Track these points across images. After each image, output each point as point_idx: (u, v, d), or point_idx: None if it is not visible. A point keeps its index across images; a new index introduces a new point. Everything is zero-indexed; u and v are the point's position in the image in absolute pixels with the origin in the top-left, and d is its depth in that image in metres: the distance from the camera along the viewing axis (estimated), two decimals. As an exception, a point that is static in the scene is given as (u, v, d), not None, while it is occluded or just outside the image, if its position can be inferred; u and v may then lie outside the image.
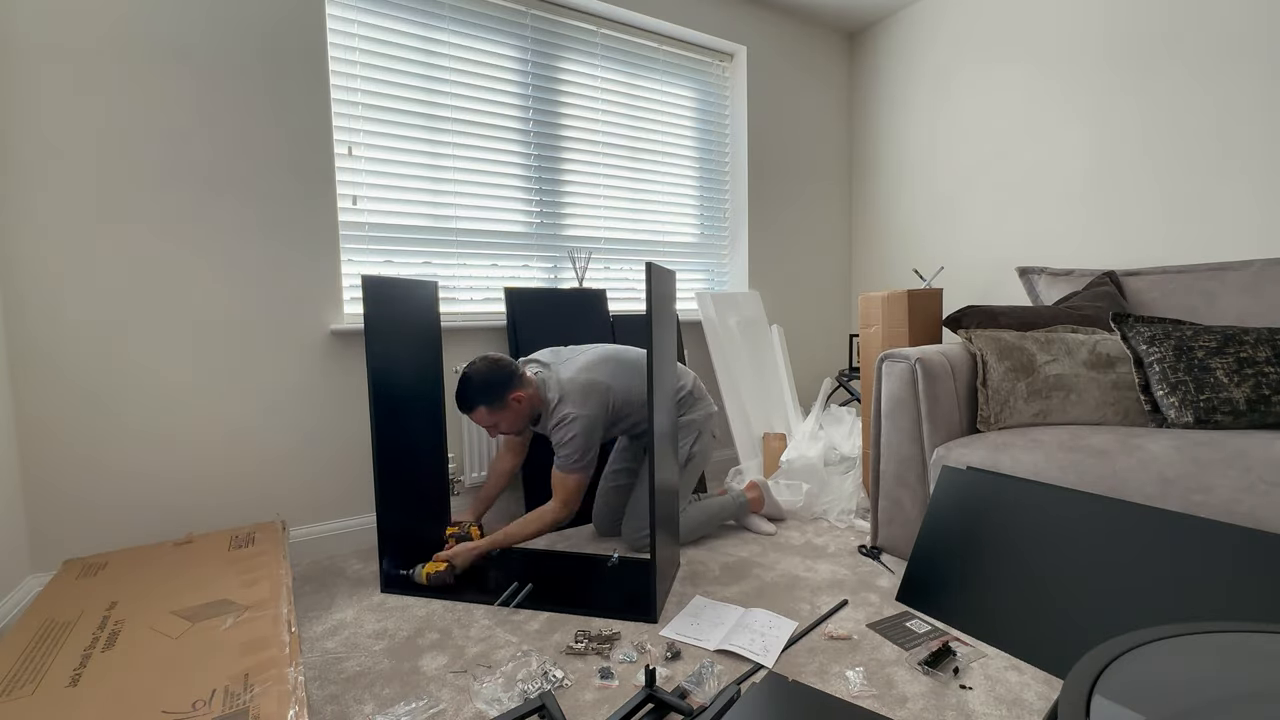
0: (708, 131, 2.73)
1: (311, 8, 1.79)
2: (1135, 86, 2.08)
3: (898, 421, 1.68)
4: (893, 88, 2.90)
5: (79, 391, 1.56)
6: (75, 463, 1.56)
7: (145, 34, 1.58)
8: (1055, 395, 1.58)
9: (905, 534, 1.69)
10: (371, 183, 1.97)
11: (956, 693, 1.12)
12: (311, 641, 1.36)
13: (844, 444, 2.18)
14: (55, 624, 1.14)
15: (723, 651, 1.27)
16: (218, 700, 0.90)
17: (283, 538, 1.59)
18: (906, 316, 2.06)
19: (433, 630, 1.39)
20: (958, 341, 1.84)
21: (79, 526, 1.57)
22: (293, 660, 1.00)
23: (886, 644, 1.29)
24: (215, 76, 1.67)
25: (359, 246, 1.95)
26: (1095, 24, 2.18)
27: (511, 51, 2.20)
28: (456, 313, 2.13)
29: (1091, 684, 0.59)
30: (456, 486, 2.06)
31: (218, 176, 1.68)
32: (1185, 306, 1.75)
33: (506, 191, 2.22)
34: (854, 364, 2.83)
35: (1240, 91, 1.86)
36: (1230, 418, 1.37)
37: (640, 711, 1.08)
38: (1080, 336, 1.66)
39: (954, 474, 1.50)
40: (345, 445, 1.89)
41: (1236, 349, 1.42)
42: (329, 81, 1.83)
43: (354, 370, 1.90)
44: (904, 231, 2.90)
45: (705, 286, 2.72)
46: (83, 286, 1.55)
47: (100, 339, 1.57)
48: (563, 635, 1.36)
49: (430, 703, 1.12)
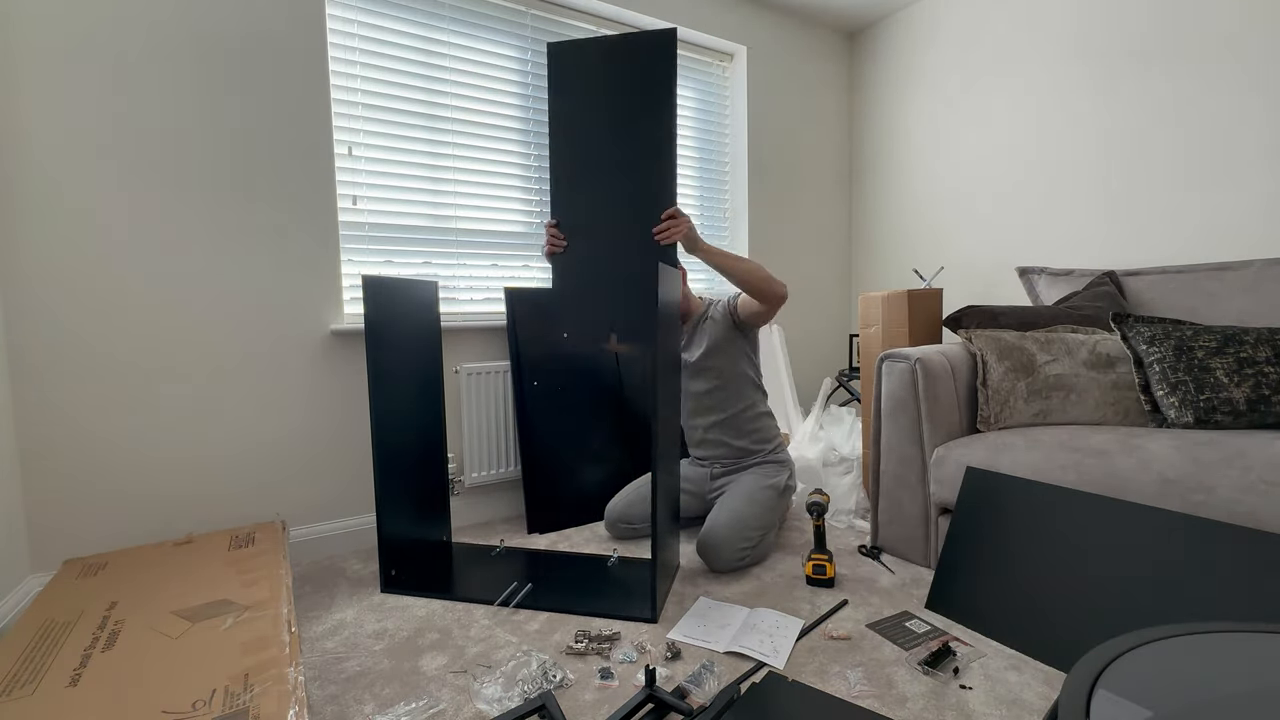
0: (708, 131, 2.73)
1: (311, 8, 1.79)
2: (1136, 86, 2.08)
3: (898, 421, 1.68)
4: (893, 88, 2.90)
5: (79, 391, 1.56)
6: (75, 463, 1.56)
7: (144, 34, 1.58)
8: (1055, 395, 1.58)
9: (905, 534, 1.69)
10: (371, 183, 1.97)
11: (956, 693, 1.12)
12: (311, 641, 1.36)
13: (844, 444, 2.18)
14: (55, 624, 1.14)
15: (733, 653, 1.26)
16: (218, 700, 0.90)
17: (283, 538, 1.59)
18: (906, 316, 2.06)
19: (433, 630, 1.39)
20: (958, 341, 1.84)
21: (79, 526, 1.57)
22: (293, 660, 1.00)
23: (886, 644, 1.29)
24: (215, 76, 1.67)
25: (359, 246, 1.95)
26: (1095, 24, 2.18)
27: (511, 51, 2.20)
28: (456, 313, 2.13)
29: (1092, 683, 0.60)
30: (456, 486, 2.06)
31: (217, 176, 1.68)
32: (1185, 306, 1.75)
33: (506, 191, 2.22)
34: (854, 364, 2.83)
35: (1241, 91, 1.86)
36: (1230, 418, 1.37)
37: (640, 711, 1.08)
38: (1080, 336, 1.66)
39: (980, 478, 1.46)
40: (345, 445, 1.89)
41: (1236, 349, 1.42)
42: (329, 81, 1.83)
43: (354, 370, 1.90)
44: (904, 231, 2.90)
45: (705, 287, 2.72)
46: (83, 286, 1.55)
47: (100, 338, 1.57)
48: (563, 635, 1.36)
49: (430, 703, 1.12)
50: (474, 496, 2.12)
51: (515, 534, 2.01)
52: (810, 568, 1.57)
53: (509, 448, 2.14)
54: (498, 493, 2.16)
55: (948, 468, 1.55)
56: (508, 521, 2.14)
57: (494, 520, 2.15)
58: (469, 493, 2.10)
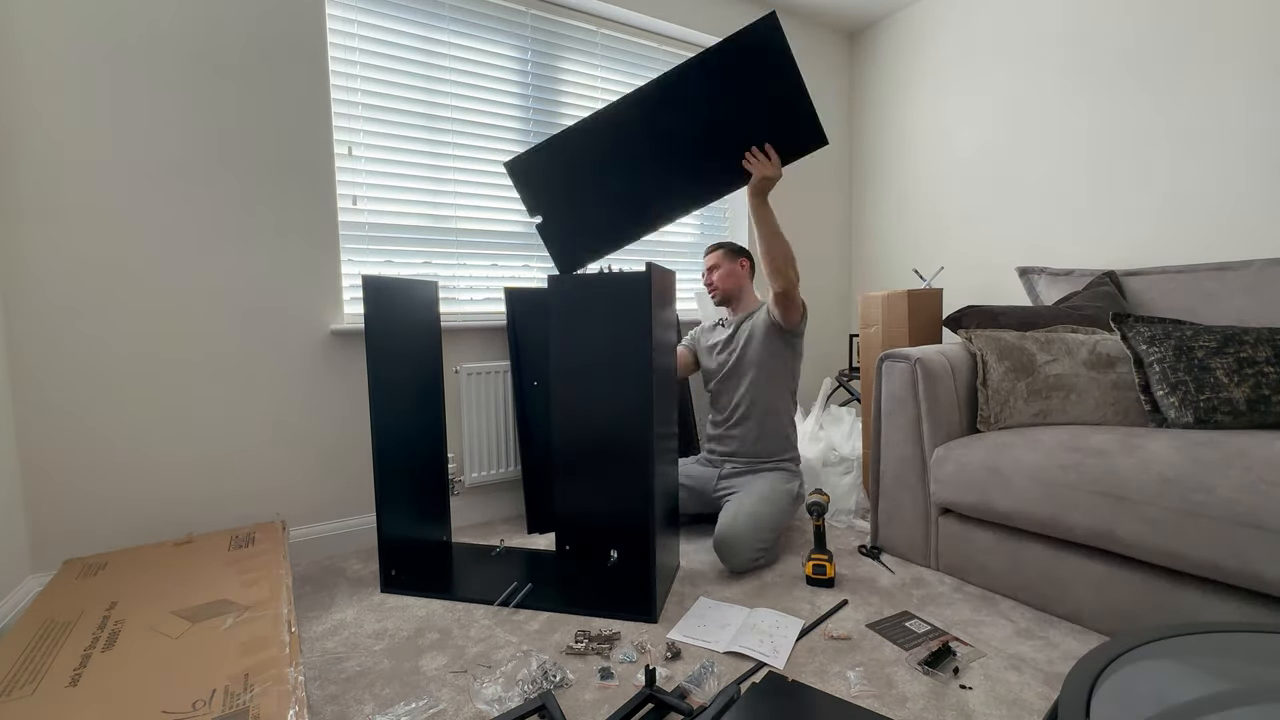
0: (708, 131, 2.73)
1: (311, 8, 1.79)
2: (1135, 86, 2.08)
3: (898, 421, 1.68)
4: (893, 87, 2.90)
5: (79, 392, 1.56)
6: (75, 463, 1.56)
7: (144, 34, 1.58)
8: (1055, 395, 1.58)
9: (905, 534, 1.70)
10: (371, 183, 1.97)
11: (956, 693, 1.12)
12: (311, 641, 1.36)
13: (844, 444, 2.18)
14: (55, 624, 1.14)
15: (733, 653, 1.26)
16: (218, 700, 0.90)
17: (283, 538, 1.59)
18: (906, 316, 2.06)
19: (433, 630, 1.39)
20: (958, 341, 1.84)
21: (79, 526, 1.57)
22: (293, 660, 1.00)
23: (886, 644, 1.29)
24: (215, 76, 1.67)
25: (359, 246, 1.95)
26: (1095, 24, 2.17)
27: (511, 51, 2.20)
28: (456, 313, 2.13)
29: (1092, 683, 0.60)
30: (456, 487, 2.06)
31: (217, 177, 1.68)
32: (1185, 306, 1.75)
33: (507, 191, 2.21)
34: (854, 364, 2.83)
35: (1241, 91, 1.86)
36: (1230, 417, 1.37)
37: (640, 711, 1.08)
38: (1080, 336, 1.66)
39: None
40: (345, 445, 1.89)
41: (1236, 349, 1.42)
42: (329, 81, 1.83)
43: (354, 370, 1.90)
44: (904, 231, 2.90)
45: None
46: (83, 287, 1.55)
47: (100, 338, 1.57)
48: (563, 635, 1.36)
49: (430, 703, 1.12)
50: (474, 496, 2.12)
51: (515, 534, 2.01)
52: (810, 568, 1.58)
53: (509, 448, 2.14)
54: (498, 493, 2.16)
55: (948, 468, 1.55)
56: (508, 521, 2.14)
57: (494, 520, 2.15)
58: (469, 493, 2.10)
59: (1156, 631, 0.68)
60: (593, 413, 1.61)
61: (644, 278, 1.41)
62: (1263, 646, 0.63)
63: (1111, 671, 0.61)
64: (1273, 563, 1.06)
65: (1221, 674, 0.60)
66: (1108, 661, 0.63)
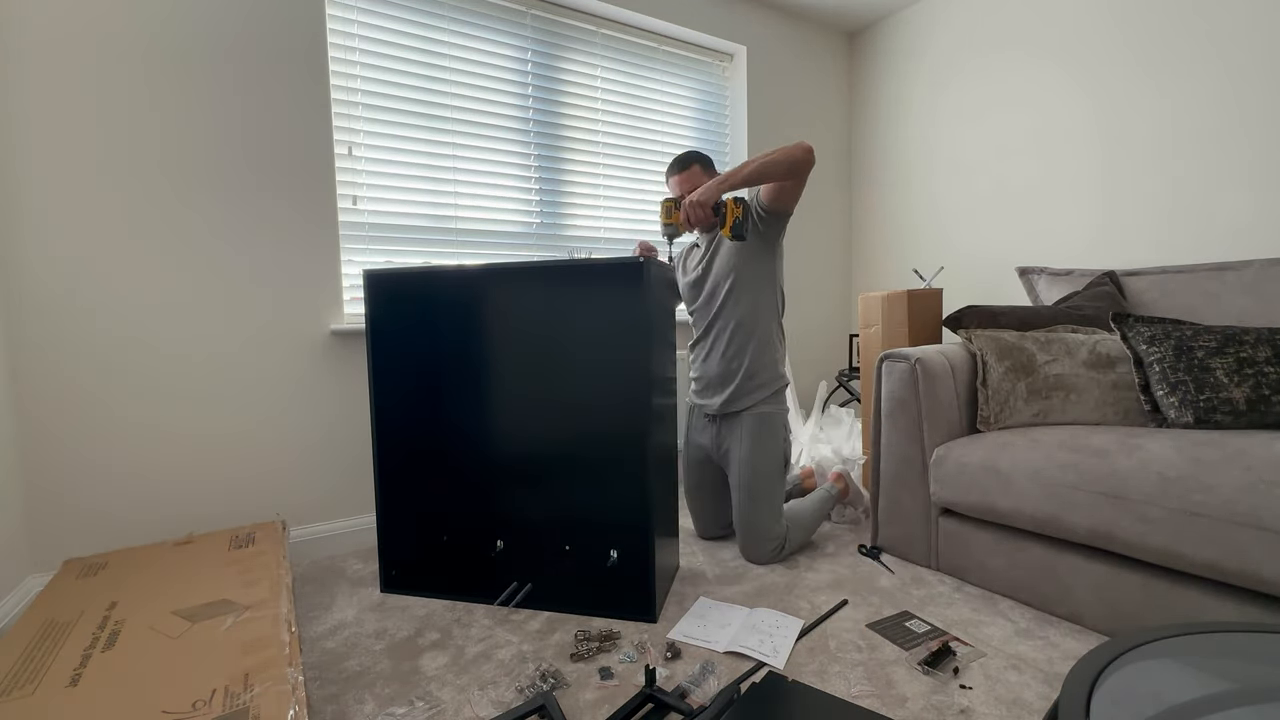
0: (708, 131, 2.73)
1: (311, 8, 1.79)
2: (1135, 87, 2.08)
3: (898, 421, 1.68)
4: (893, 87, 2.90)
5: (79, 392, 1.55)
6: (75, 463, 1.56)
7: (145, 33, 1.58)
8: (1055, 395, 1.58)
9: (905, 534, 1.70)
10: (371, 182, 1.97)
11: (956, 693, 1.12)
12: (311, 641, 1.36)
13: (844, 445, 2.18)
14: (55, 624, 1.14)
15: (733, 653, 1.26)
16: (218, 700, 0.89)
17: (283, 538, 1.59)
18: (906, 316, 2.06)
19: (433, 630, 1.39)
20: (958, 341, 1.84)
21: (79, 526, 1.57)
22: (293, 660, 1.00)
23: (886, 644, 1.29)
24: (214, 76, 1.67)
25: (359, 246, 1.95)
26: (1095, 25, 2.17)
27: (511, 51, 2.20)
28: (456, 313, 2.12)
29: (1092, 683, 0.59)
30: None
31: (217, 177, 1.68)
32: (1185, 306, 1.75)
33: (507, 190, 2.21)
34: (854, 364, 2.83)
35: (1241, 91, 1.86)
36: (1230, 418, 1.37)
37: (640, 711, 1.08)
38: (1080, 336, 1.66)
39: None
40: (345, 445, 1.89)
41: (1236, 349, 1.42)
42: (329, 81, 1.82)
43: (354, 370, 1.89)
44: (904, 231, 2.90)
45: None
46: (83, 286, 1.55)
47: (100, 338, 1.57)
48: (563, 635, 1.36)
49: (430, 703, 1.12)
50: (474, 496, 2.12)
51: (515, 534, 2.01)
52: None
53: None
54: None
55: (948, 468, 1.55)
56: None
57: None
58: (469, 493, 2.10)
59: (1156, 631, 0.68)
60: (570, 412, 1.50)
61: (638, 264, 1.39)
62: (1263, 646, 0.63)
63: (1111, 671, 0.61)
64: (1273, 563, 1.06)
65: (1221, 674, 0.60)
66: (1108, 661, 0.63)
